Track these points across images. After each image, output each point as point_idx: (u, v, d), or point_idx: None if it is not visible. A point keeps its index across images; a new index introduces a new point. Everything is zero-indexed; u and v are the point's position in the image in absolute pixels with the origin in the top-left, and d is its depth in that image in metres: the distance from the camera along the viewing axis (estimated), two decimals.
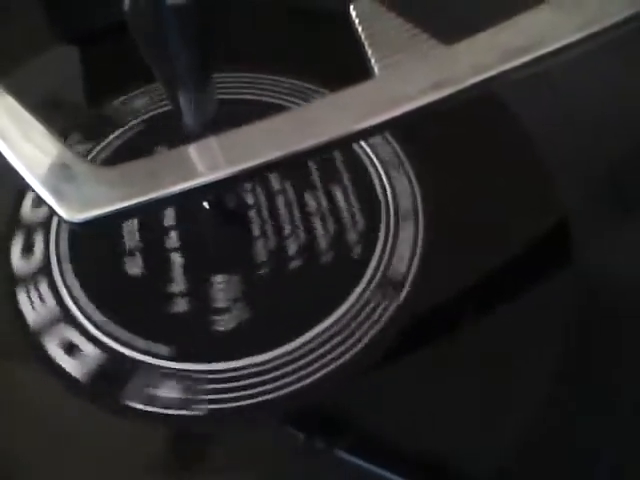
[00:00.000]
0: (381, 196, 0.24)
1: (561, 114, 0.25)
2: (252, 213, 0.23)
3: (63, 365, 0.21)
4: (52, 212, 0.16)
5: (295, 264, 0.22)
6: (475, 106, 0.23)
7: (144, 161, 0.16)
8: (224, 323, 0.21)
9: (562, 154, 0.24)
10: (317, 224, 0.23)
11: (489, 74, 0.17)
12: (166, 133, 0.24)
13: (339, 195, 0.24)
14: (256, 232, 0.23)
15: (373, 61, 0.18)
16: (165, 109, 0.26)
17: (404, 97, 0.17)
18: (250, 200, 0.23)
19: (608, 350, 0.21)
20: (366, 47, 0.18)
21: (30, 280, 0.22)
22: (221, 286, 0.22)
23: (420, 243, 0.23)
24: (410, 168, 0.24)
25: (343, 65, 0.19)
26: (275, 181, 0.24)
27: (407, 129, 0.24)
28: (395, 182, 0.24)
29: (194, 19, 0.19)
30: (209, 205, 0.23)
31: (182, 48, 0.19)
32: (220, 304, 0.22)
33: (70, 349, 0.21)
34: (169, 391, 0.21)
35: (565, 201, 0.24)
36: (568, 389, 0.21)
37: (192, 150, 0.17)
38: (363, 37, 0.18)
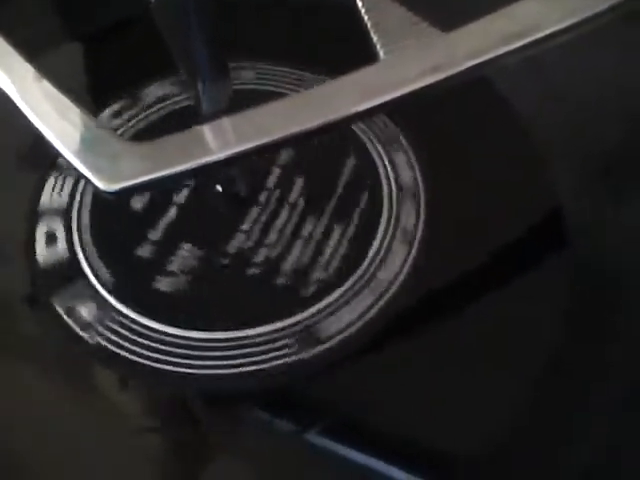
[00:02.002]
0: (383, 183, 0.25)
1: (556, 102, 0.26)
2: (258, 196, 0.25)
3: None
4: (88, 182, 0.17)
5: (291, 245, 0.24)
6: (475, 97, 0.24)
7: (170, 137, 0.18)
8: (220, 297, 0.23)
9: (556, 141, 0.25)
10: (319, 206, 0.25)
11: (483, 58, 0.19)
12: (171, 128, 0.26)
13: (342, 180, 0.25)
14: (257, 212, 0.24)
15: (378, 46, 0.19)
16: (166, 110, 0.27)
17: (406, 79, 0.18)
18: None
19: (604, 337, 0.22)
20: (372, 34, 0.20)
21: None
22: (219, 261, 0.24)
23: (419, 227, 0.24)
24: (412, 154, 0.25)
25: (349, 55, 0.20)
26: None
27: (410, 117, 0.25)
28: (396, 166, 0.25)
29: (213, 10, 0.20)
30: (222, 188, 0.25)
31: (202, 38, 0.21)
32: (216, 278, 0.23)
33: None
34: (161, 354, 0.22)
35: (559, 186, 0.25)
36: (564, 379, 0.22)
37: (212, 128, 0.19)
38: (369, 25, 0.20)
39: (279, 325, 0.22)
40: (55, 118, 0.19)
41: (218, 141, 0.18)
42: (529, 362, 0.22)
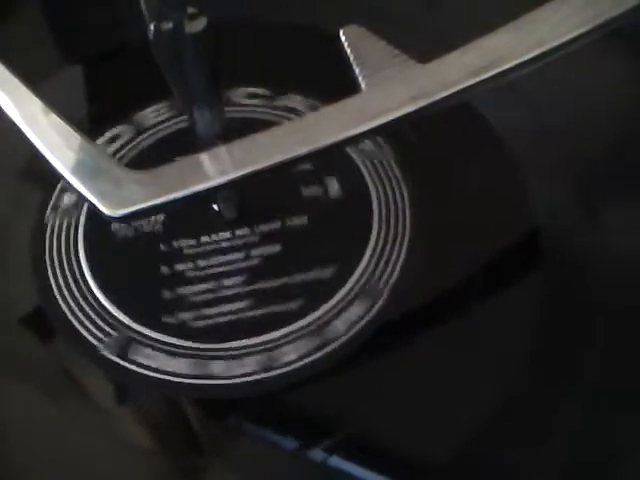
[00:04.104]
0: (372, 199, 0.26)
1: (534, 125, 0.27)
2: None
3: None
4: (95, 209, 0.19)
5: (282, 262, 0.25)
6: (460, 120, 0.25)
7: (170, 165, 0.19)
8: (218, 307, 0.24)
9: (535, 162, 0.27)
10: (310, 224, 0.26)
11: (457, 88, 0.20)
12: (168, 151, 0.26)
13: (333, 199, 0.26)
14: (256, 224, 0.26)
15: (360, 78, 0.21)
16: (163, 133, 0.29)
17: (386, 109, 0.20)
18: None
19: (578, 344, 0.23)
20: (354, 66, 0.21)
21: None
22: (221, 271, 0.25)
23: (406, 240, 0.25)
24: (400, 176, 0.27)
25: (337, 81, 0.21)
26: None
27: (398, 140, 0.26)
28: (385, 188, 0.26)
29: (208, 44, 0.22)
30: (218, 207, 0.26)
31: (197, 68, 0.22)
32: (221, 290, 0.24)
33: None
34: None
35: (538, 203, 0.26)
36: (542, 383, 0.23)
37: (208, 156, 0.20)
38: (352, 58, 0.21)
39: (272, 336, 0.24)
40: (62, 149, 0.20)
41: (214, 168, 0.20)
42: (511, 368, 0.23)
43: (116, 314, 0.24)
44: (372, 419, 0.22)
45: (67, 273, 0.25)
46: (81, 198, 0.20)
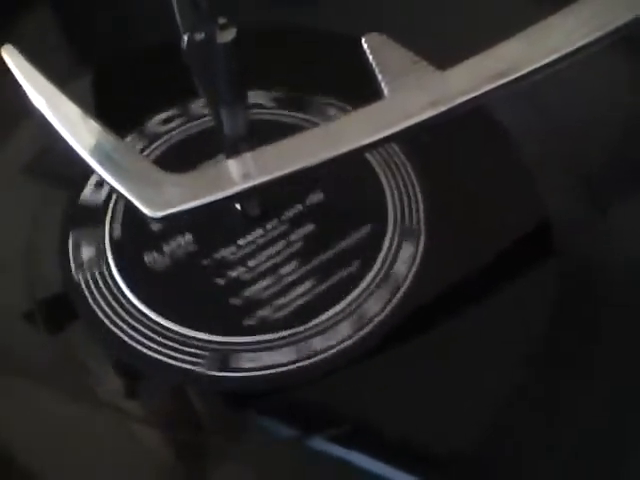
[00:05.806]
0: (389, 205, 0.27)
1: (545, 125, 0.28)
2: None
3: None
4: (138, 210, 0.20)
5: (301, 258, 0.26)
6: (472, 121, 0.25)
7: (207, 169, 0.21)
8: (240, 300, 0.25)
9: (545, 160, 0.27)
10: (324, 223, 0.27)
11: (474, 94, 0.21)
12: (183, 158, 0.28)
13: (348, 198, 0.27)
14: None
15: (383, 84, 0.22)
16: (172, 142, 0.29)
17: (407, 114, 0.21)
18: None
19: (588, 339, 0.24)
20: (376, 73, 0.22)
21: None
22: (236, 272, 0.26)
23: (421, 239, 0.26)
24: (413, 174, 0.27)
25: (362, 84, 0.22)
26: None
27: (411, 142, 0.27)
28: (400, 190, 0.27)
29: (236, 52, 0.23)
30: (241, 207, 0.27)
31: (226, 74, 0.23)
32: (237, 288, 0.26)
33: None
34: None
35: (547, 201, 0.27)
36: (552, 378, 0.23)
37: (242, 160, 0.21)
38: (374, 64, 0.22)
39: (281, 334, 0.25)
40: (103, 153, 0.21)
41: (248, 171, 0.21)
42: (521, 363, 0.23)
43: (199, 336, 0.25)
44: (375, 414, 0.23)
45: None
46: (125, 200, 0.21)
